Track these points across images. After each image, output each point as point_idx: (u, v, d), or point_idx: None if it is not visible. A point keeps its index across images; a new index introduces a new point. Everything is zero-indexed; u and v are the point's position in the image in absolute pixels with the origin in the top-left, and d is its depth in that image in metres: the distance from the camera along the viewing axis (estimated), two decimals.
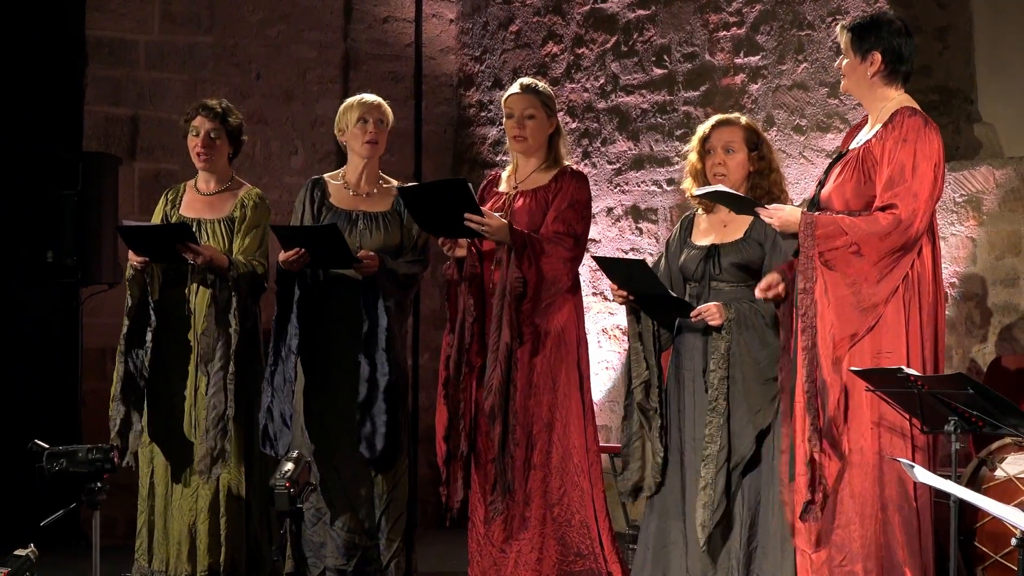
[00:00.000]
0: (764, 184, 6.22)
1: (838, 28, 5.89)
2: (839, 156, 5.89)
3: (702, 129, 6.32)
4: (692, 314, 6.18)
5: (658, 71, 9.11)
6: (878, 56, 5.74)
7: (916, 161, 5.60)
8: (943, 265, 7.25)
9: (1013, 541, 5.02)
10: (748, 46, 8.62)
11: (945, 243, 7.52)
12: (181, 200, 7.34)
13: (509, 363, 6.60)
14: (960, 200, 7.58)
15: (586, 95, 9.49)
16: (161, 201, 7.41)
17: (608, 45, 9.38)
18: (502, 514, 6.70)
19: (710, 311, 6.13)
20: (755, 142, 6.26)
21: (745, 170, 6.21)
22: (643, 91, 9.20)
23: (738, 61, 8.67)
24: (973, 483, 6.27)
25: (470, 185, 6.67)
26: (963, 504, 5.33)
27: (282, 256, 6.96)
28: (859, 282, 5.61)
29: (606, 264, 6.57)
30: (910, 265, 5.64)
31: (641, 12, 9.21)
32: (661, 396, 6.34)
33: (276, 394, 7.03)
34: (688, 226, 6.42)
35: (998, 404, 5.29)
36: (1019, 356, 7.23)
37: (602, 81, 9.42)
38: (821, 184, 5.88)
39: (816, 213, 5.72)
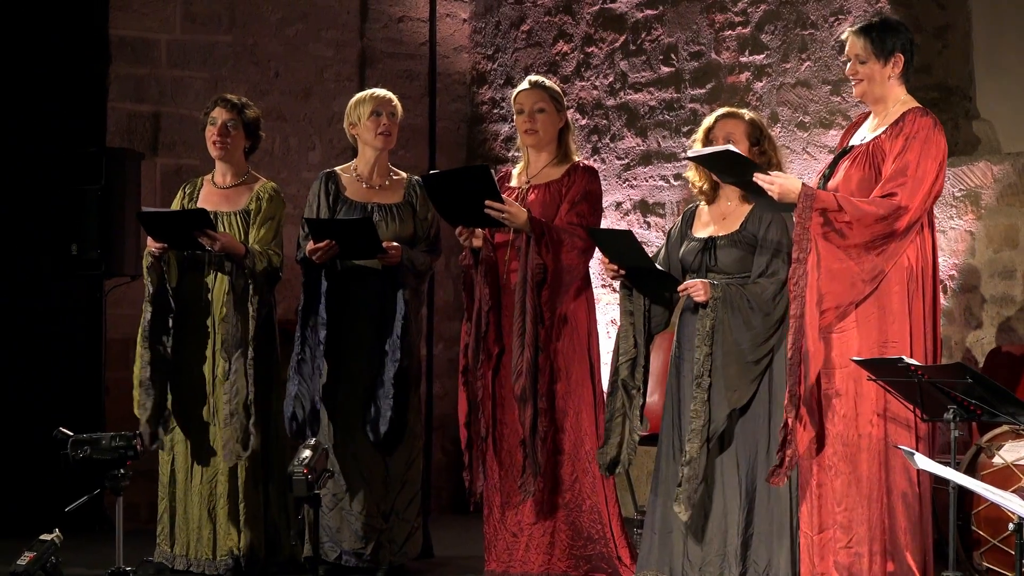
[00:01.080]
0: None
1: (848, 35, 5.89)
2: (844, 151, 5.95)
3: (708, 120, 6.35)
4: (679, 289, 6.23)
5: (665, 69, 9.11)
6: (901, 56, 5.82)
7: (921, 158, 5.70)
8: (942, 258, 7.39)
9: (1011, 526, 5.10)
10: (753, 45, 8.62)
11: (944, 236, 7.56)
12: (198, 193, 7.38)
13: (536, 347, 6.63)
14: (959, 195, 7.61)
15: (595, 92, 9.48)
16: (178, 194, 7.45)
17: (617, 44, 9.37)
18: (519, 497, 6.76)
19: (696, 287, 6.16)
20: (757, 137, 6.29)
21: None
22: (651, 89, 9.19)
23: (743, 59, 8.67)
24: (971, 470, 6.28)
25: (492, 171, 6.72)
26: (961, 490, 5.39)
27: (310, 247, 7.03)
28: (848, 259, 5.67)
29: (597, 235, 6.60)
30: (899, 253, 5.71)
31: (649, 12, 9.19)
32: (645, 376, 6.37)
33: (303, 383, 7.06)
34: (690, 218, 6.44)
35: (996, 393, 5.36)
36: (1017, 346, 7.25)
37: (611, 79, 9.41)
38: (827, 177, 5.94)
39: (816, 188, 5.79)
